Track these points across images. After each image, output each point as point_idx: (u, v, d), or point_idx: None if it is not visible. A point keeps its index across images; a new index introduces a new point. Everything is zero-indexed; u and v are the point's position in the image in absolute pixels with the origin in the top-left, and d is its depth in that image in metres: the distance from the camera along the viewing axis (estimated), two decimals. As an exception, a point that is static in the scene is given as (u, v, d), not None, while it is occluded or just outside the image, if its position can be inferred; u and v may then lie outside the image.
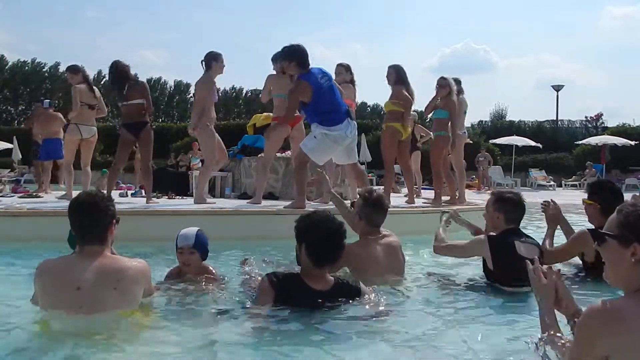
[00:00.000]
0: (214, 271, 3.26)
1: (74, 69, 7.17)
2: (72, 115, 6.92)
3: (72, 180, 7.21)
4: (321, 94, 5.53)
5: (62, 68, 45.95)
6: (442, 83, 6.83)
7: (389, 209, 3.64)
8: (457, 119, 6.89)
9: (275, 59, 6.32)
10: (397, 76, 6.77)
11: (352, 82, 6.97)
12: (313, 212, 2.82)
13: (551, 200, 3.92)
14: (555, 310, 1.93)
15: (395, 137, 6.83)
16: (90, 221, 2.49)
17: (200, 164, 7.29)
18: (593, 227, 3.47)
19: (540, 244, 3.55)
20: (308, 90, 5.51)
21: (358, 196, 3.68)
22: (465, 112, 7.48)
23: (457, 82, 7.36)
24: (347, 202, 5.39)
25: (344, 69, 6.93)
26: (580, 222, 4.65)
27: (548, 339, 1.82)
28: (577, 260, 3.73)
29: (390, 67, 6.87)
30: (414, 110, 7.50)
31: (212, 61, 6.31)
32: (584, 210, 3.67)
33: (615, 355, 1.42)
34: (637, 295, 1.49)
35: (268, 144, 6.47)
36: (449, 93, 6.80)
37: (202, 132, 6.40)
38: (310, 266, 2.58)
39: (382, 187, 7.22)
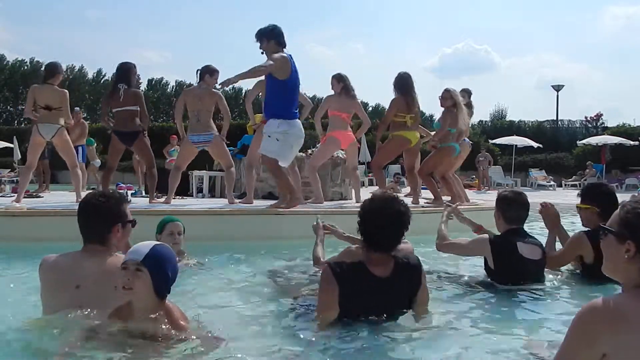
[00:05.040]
0: (179, 319, 2.17)
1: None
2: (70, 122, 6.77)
3: (80, 183, 7.01)
4: (294, 79, 5.51)
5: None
6: (444, 95, 6.68)
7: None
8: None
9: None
10: (399, 84, 6.63)
11: (346, 91, 6.75)
12: (376, 195, 2.68)
13: (549, 203, 3.89)
14: None
15: (403, 146, 6.78)
16: (90, 222, 2.47)
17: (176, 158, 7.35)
18: (587, 229, 3.48)
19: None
20: (287, 66, 5.43)
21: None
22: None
23: (468, 93, 7.29)
24: (350, 202, 5.35)
25: (336, 81, 6.76)
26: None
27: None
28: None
29: (396, 75, 6.72)
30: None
31: (207, 75, 6.38)
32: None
33: (615, 353, 1.41)
34: (636, 290, 1.49)
35: (252, 144, 6.60)
36: (453, 105, 6.62)
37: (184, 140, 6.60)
38: (368, 250, 2.51)
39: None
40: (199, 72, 6.39)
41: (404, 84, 6.64)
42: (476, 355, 2.22)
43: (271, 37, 5.49)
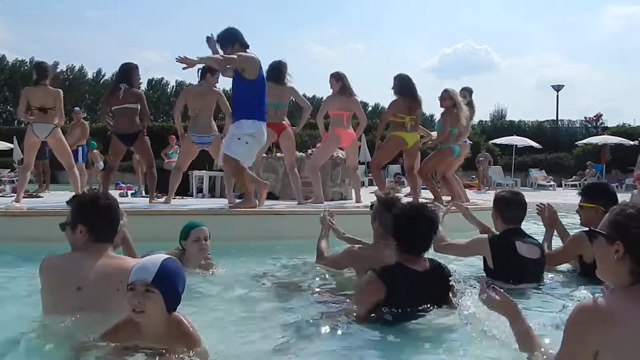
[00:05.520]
0: (189, 328, 2.03)
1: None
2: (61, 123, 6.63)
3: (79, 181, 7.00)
4: (263, 79, 5.45)
5: (61, 68, 46.03)
6: (443, 95, 6.69)
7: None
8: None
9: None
10: (398, 87, 6.61)
11: (344, 90, 6.73)
12: (410, 203, 2.99)
13: (547, 203, 3.90)
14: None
15: (400, 146, 6.77)
16: (107, 222, 2.49)
17: (176, 159, 7.37)
18: (587, 229, 3.48)
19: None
20: (256, 65, 5.34)
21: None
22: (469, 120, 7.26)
23: (469, 92, 7.27)
24: (350, 202, 5.33)
25: (334, 79, 6.73)
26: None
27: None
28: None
29: (394, 77, 6.70)
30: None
31: (208, 73, 6.37)
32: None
33: (604, 351, 1.46)
34: (626, 291, 1.54)
35: None
36: (453, 105, 6.62)
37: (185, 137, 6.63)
38: (403, 253, 2.73)
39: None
40: (200, 70, 6.39)
41: (404, 86, 6.61)
42: (474, 354, 2.22)
43: (234, 41, 5.42)
